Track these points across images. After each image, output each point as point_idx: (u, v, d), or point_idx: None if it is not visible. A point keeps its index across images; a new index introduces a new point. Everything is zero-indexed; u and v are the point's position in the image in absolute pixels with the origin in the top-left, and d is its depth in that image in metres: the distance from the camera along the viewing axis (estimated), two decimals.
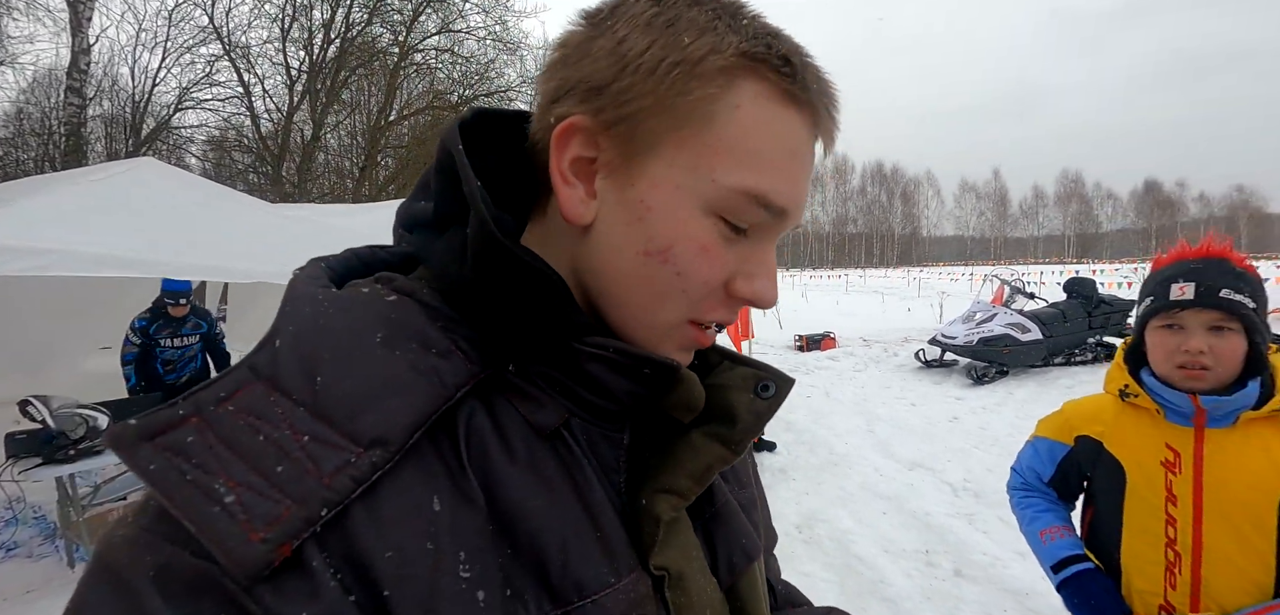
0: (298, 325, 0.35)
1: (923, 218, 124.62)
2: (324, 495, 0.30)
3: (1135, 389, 1.19)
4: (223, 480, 0.29)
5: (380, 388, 0.33)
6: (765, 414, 0.45)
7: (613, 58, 0.38)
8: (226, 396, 0.32)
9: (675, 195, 0.38)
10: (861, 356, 10.26)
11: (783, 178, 0.39)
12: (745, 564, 0.48)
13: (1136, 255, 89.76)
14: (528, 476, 0.37)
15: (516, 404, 0.39)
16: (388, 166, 16.24)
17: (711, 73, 0.37)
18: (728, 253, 0.40)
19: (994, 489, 4.28)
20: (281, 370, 0.33)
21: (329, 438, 0.31)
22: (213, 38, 13.52)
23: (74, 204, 3.12)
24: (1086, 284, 9.04)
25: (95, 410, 3.39)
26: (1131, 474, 1.19)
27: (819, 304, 20.93)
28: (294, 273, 0.39)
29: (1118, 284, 15.61)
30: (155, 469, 0.29)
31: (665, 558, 0.40)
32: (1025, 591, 3.00)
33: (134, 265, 2.94)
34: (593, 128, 0.39)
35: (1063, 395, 6.94)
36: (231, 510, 0.28)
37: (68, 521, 3.46)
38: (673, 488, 0.41)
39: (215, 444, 0.30)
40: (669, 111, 0.37)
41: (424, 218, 0.43)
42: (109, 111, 14.65)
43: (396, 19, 14.42)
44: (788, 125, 0.39)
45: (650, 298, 0.40)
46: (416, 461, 0.34)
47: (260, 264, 3.60)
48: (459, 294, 0.40)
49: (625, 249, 0.39)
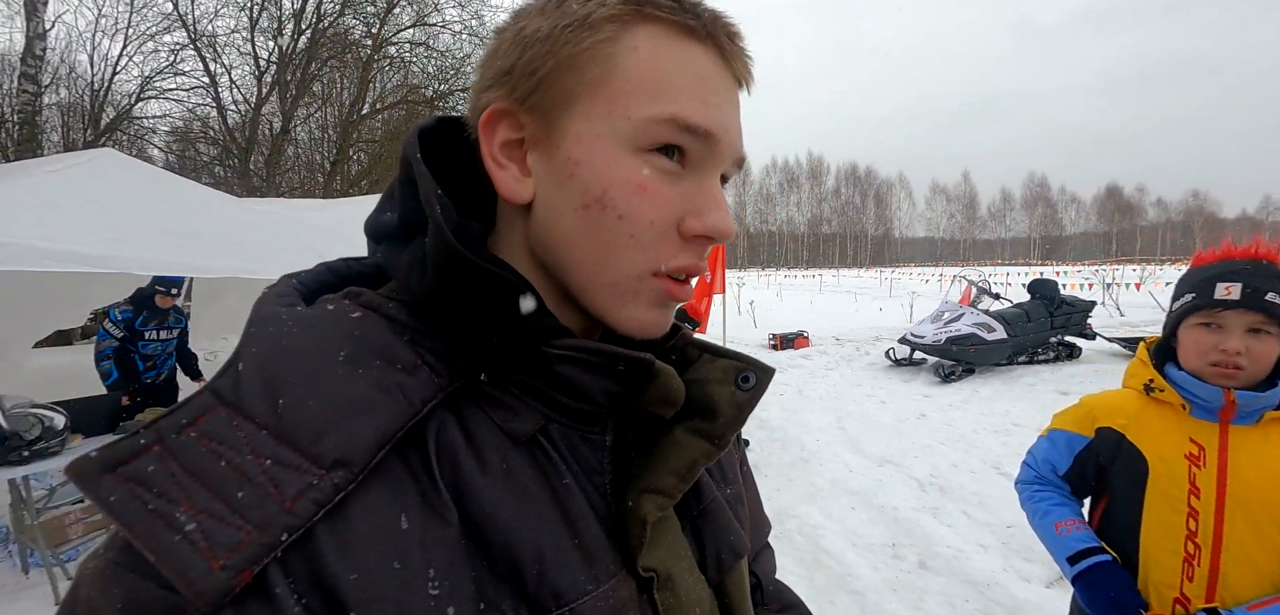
0: (261, 347, 0.35)
1: (895, 219, 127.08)
2: (285, 520, 0.29)
3: (1161, 383, 1.21)
4: (184, 508, 0.29)
5: (343, 408, 0.33)
6: (747, 406, 0.45)
7: (515, 42, 0.40)
8: (189, 423, 0.32)
9: (598, 144, 0.38)
10: (834, 355, 10.42)
11: (696, 99, 0.39)
12: (733, 561, 0.48)
13: (1098, 258, 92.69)
14: (501, 487, 0.37)
15: (490, 413, 0.39)
16: (360, 161, 15.94)
17: (601, 22, 0.38)
18: (669, 190, 0.39)
19: (959, 484, 4.40)
20: (244, 394, 0.33)
21: (291, 461, 0.31)
22: (177, 25, 13.10)
23: (29, 196, 3.01)
24: (1049, 285, 9.33)
25: (51, 410, 3.27)
26: (1154, 466, 1.20)
27: (793, 303, 21.19)
28: (263, 290, 0.40)
29: (1080, 285, 16.14)
30: (116, 501, 0.29)
31: (652, 559, 0.41)
32: (986, 582, 3.10)
33: (95, 260, 2.85)
34: (511, 108, 0.40)
35: (1026, 392, 7.20)
36: (192, 538, 0.28)
37: (21, 526, 3.33)
38: (658, 487, 0.41)
39: (177, 472, 0.30)
40: (571, 68, 0.38)
41: (390, 229, 0.43)
42: (66, 100, 14.11)
43: (370, 11, 14.14)
44: (690, 54, 0.39)
45: (600, 251, 0.39)
46: (384, 480, 0.33)
47: (226, 259, 3.52)
48: (425, 305, 0.40)
49: (565, 210, 0.40)
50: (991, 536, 3.62)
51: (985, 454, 5.06)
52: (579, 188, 0.39)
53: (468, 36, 14.54)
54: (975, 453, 5.11)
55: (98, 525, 3.90)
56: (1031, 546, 3.44)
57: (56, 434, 3.24)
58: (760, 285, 33.90)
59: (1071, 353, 9.15)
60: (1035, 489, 1.40)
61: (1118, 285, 18.11)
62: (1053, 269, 32.90)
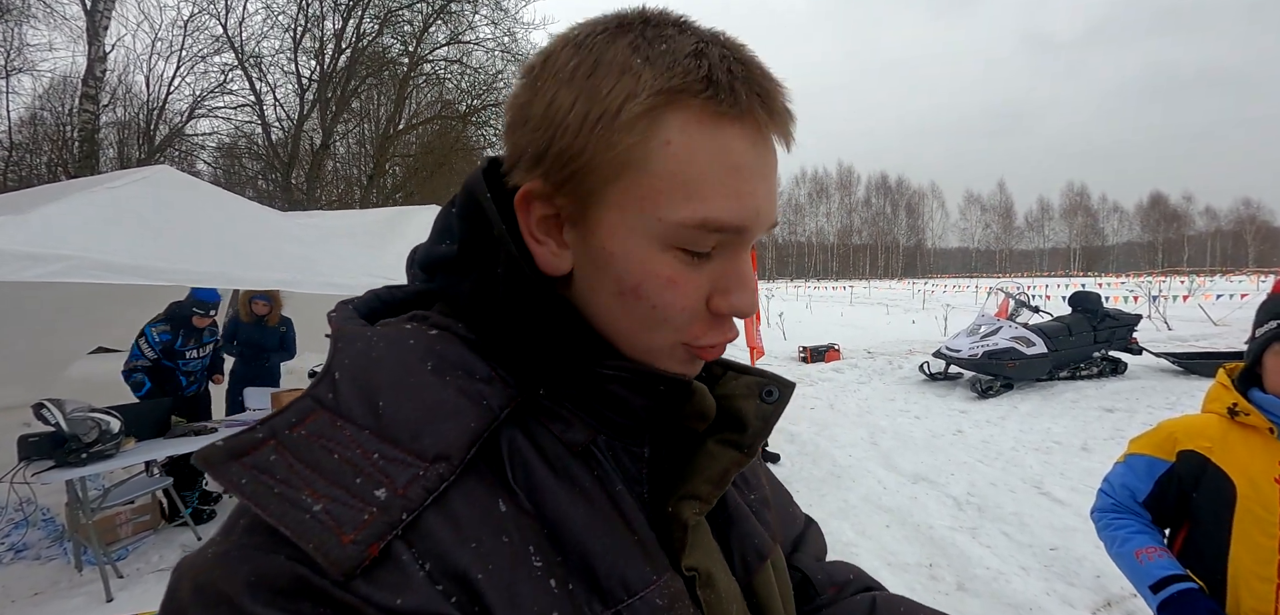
0: (352, 359, 0.38)
1: (927, 229, 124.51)
2: (401, 502, 0.33)
3: (1246, 407, 1.19)
4: (308, 493, 0.32)
5: (435, 411, 0.37)
6: (771, 417, 0.48)
7: (545, 122, 0.39)
8: (297, 422, 0.35)
9: (630, 239, 0.39)
10: (865, 368, 10.24)
11: (728, 196, 0.38)
12: (758, 562, 0.52)
13: (1142, 269, 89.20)
14: (568, 489, 0.40)
15: (549, 425, 0.42)
16: (396, 175, 16.38)
17: (632, 120, 0.37)
18: (697, 276, 0.41)
19: (997, 503, 4.28)
20: (343, 400, 0.36)
21: (396, 456, 0.34)
22: (226, 47, 13.75)
23: (92, 212, 3.19)
24: (1091, 298, 9.01)
25: (108, 414, 3.44)
26: (1243, 489, 1.18)
27: (823, 315, 20.91)
28: (329, 315, 0.44)
29: (1124, 298, 15.55)
30: (247, 484, 0.32)
31: (694, 559, 0.44)
32: (1028, 606, 3.00)
33: (152, 272, 2.99)
34: (544, 191, 0.41)
35: (1067, 409, 6.96)
36: (320, 518, 0.31)
37: (77, 524, 3.50)
38: (695, 493, 0.45)
39: (294, 463, 0.33)
40: (602, 166, 0.38)
41: (448, 258, 0.46)
42: (123, 118, 14.86)
43: (407, 30, 14.60)
44: (723, 143, 0.38)
45: (636, 329, 0.42)
46: (474, 474, 0.37)
47: (273, 272, 3.66)
48: (489, 328, 0.43)
49: (601, 291, 0.42)
50: (1033, 559, 3.50)
51: (1025, 473, 4.91)
52: (614, 276, 0.40)
53: (500, 53, 14.86)
54: (1015, 471, 4.96)
55: (144, 526, 4.07)
56: (1075, 571, 3.32)
57: (112, 437, 3.40)
58: (789, 296, 33.56)
59: (1116, 368, 8.81)
60: (1113, 517, 1.37)
61: (1164, 298, 17.37)
62: (1094, 280, 31.82)
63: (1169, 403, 7.15)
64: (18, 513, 3.88)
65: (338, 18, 14.18)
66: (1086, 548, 3.49)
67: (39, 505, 4.08)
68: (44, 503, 4.13)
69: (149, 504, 4.12)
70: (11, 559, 3.70)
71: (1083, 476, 4.73)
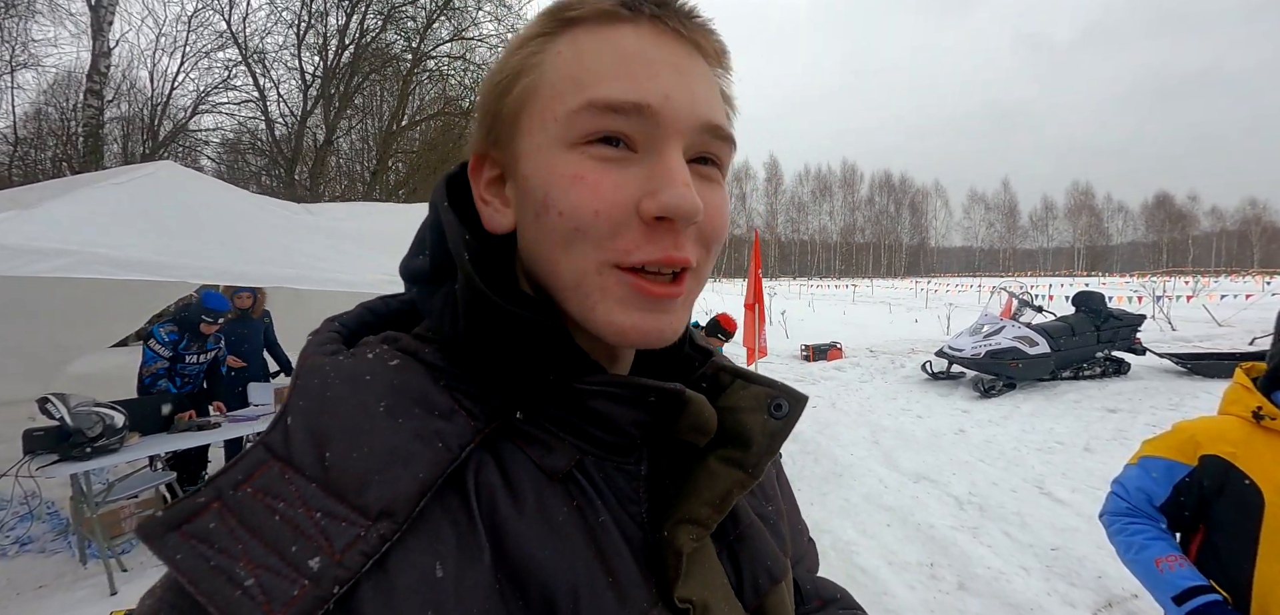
0: (306, 400, 0.36)
1: (931, 228, 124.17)
2: (336, 572, 0.31)
3: (1271, 410, 1.16)
4: (243, 564, 0.30)
5: (385, 459, 0.34)
6: (780, 434, 0.44)
7: (481, 94, 0.45)
8: (244, 479, 0.33)
9: (539, 154, 0.39)
10: (868, 367, 10.23)
11: (618, 77, 0.37)
12: (769, 585, 0.48)
13: (1147, 269, 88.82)
14: (536, 526, 0.37)
15: (526, 450, 0.40)
16: (399, 171, 16.39)
17: (526, 42, 0.41)
18: (614, 176, 0.37)
19: (999, 503, 4.27)
20: (294, 448, 0.34)
21: (339, 513, 0.32)
22: (230, 43, 13.76)
23: (97, 207, 3.20)
24: (1095, 298, 8.99)
25: (112, 409, 3.46)
26: (1270, 497, 1.14)
27: (826, 313, 20.89)
28: (308, 338, 0.41)
29: (1128, 298, 15.50)
30: (181, 559, 0.31)
31: (688, 590, 0.40)
32: (1029, 607, 3.00)
33: (156, 268, 3.00)
34: (485, 150, 0.43)
35: (1070, 409, 6.95)
36: (251, 593, 0.30)
37: (81, 518, 3.52)
38: (693, 517, 0.41)
39: (236, 527, 0.32)
40: (510, 94, 0.41)
41: (422, 272, 0.44)
42: (127, 113, 14.91)
43: (410, 26, 14.59)
44: (613, 38, 0.38)
45: (553, 251, 0.39)
46: (423, 527, 0.34)
47: (278, 268, 3.66)
48: (459, 348, 0.41)
49: (527, 225, 0.40)
50: (1034, 559, 3.50)
51: (1027, 472, 4.90)
52: (531, 201, 0.39)
53: (503, 49, 14.85)
54: (1017, 471, 4.96)
55: (149, 518, 4.09)
56: (1077, 571, 3.32)
57: (116, 431, 3.42)
58: (792, 295, 33.51)
59: (1119, 368, 8.80)
60: (1127, 521, 1.33)
61: (1168, 298, 17.31)
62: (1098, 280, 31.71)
63: (1172, 403, 7.13)
64: (22, 506, 3.91)
65: (341, 13, 14.19)
66: (1088, 548, 3.49)
67: (43, 499, 4.11)
68: (48, 497, 4.15)
69: (153, 498, 4.14)
70: (16, 552, 3.72)
71: (1085, 477, 4.73)
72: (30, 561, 3.65)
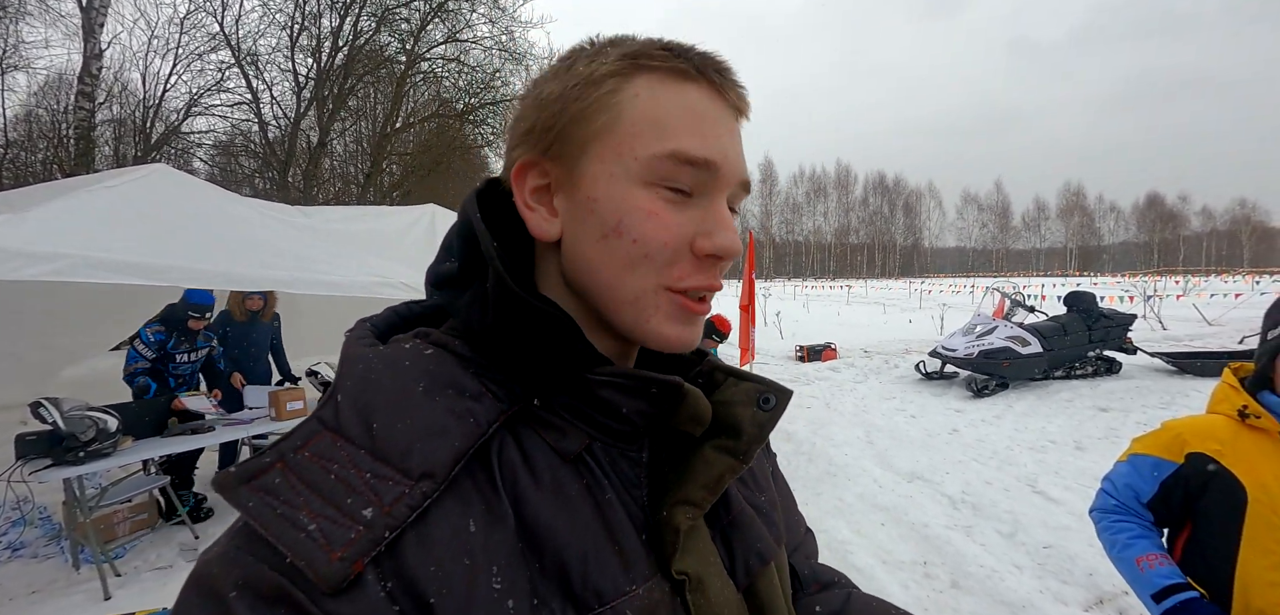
0: (353, 382, 0.42)
1: (925, 229, 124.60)
2: (385, 521, 0.36)
3: (1257, 409, 1.19)
4: (305, 513, 0.35)
5: (424, 430, 0.39)
6: (767, 424, 0.49)
7: (535, 104, 0.47)
8: (302, 444, 0.39)
9: (611, 182, 0.44)
10: (862, 367, 10.27)
11: (694, 134, 0.44)
12: (760, 566, 0.52)
13: (1138, 268, 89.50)
14: (552, 499, 0.42)
15: (542, 434, 0.44)
16: (393, 173, 16.35)
17: (603, 78, 0.45)
18: (678, 216, 0.44)
19: (992, 502, 4.31)
20: (343, 421, 0.39)
21: (386, 474, 0.37)
22: (223, 45, 13.69)
23: (89, 211, 3.19)
24: (1086, 298, 9.07)
25: (105, 413, 3.44)
26: (1254, 494, 1.17)
27: (821, 314, 20.96)
28: (345, 334, 0.47)
29: (1119, 297, 15.61)
30: (253, 506, 0.36)
31: (685, 563, 0.45)
32: (1021, 604, 3.02)
33: (152, 271, 2.99)
34: (536, 159, 0.47)
35: (1062, 408, 7.00)
36: (314, 536, 0.34)
37: (74, 522, 3.50)
38: (689, 499, 0.46)
39: (297, 484, 0.37)
40: (582, 120, 0.44)
41: (451, 276, 0.49)
42: (119, 116, 14.81)
43: (404, 28, 14.56)
44: (686, 95, 0.45)
45: (619, 271, 0.45)
46: (456, 490, 0.39)
47: (273, 271, 3.66)
48: (485, 342, 0.46)
49: (587, 239, 0.45)
50: (1027, 557, 3.53)
51: (1020, 471, 4.94)
52: (598, 220, 0.44)
53: (498, 52, 14.84)
54: (1009, 470, 4.99)
55: (142, 524, 4.07)
56: (1069, 569, 3.35)
57: (110, 436, 3.40)
58: (787, 296, 33.60)
59: (1111, 368, 8.87)
60: (1114, 518, 1.36)
61: (1159, 297, 17.45)
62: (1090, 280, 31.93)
63: (1164, 402, 7.19)
64: (15, 511, 3.89)
65: (335, 15, 14.15)
66: (1080, 546, 3.52)
67: (36, 504, 4.08)
68: (41, 502, 4.12)
69: (146, 502, 4.12)
70: (9, 557, 3.70)
71: (1077, 475, 4.77)
72: (22, 567, 3.63)
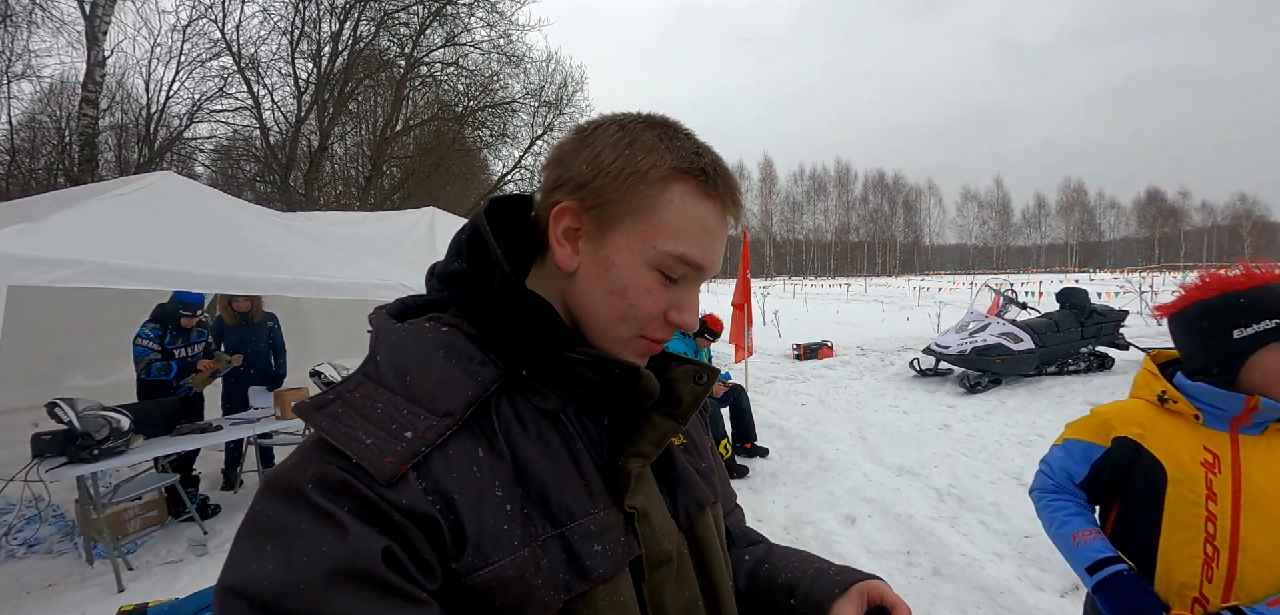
0: (387, 347, 0.56)
1: (925, 226, 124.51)
2: (421, 440, 0.49)
3: (1174, 394, 1.28)
4: (362, 431, 0.49)
5: (446, 382, 0.53)
6: (701, 395, 0.66)
7: (592, 164, 0.59)
8: (355, 389, 0.53)
9: (630, 256, 0.58)
10: (857, 365, 10.38)
11: (700, 246, 0.59)
12: (697, 511, 0.68)
13: (1139, 264, 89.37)
14: (537, 444, 0.56)
15: (529, 397, 0.59)
16: (393, 176, 16.47)
17: (654, 179, 0.57)
18: (665, 293, 0.60)
19: (978, 494, 4.42)
20: (383, 373, 0.54)
21: (418, 411, 0.51)
22: (225, 51, 13.79)
23: (101, 218, 3.31)
24: (1079, 294, 9.15)
25: (118, 413, 3.56)
26: (1172, 472, 1.26)
27: (819, 313, 21.04)
28: (370, 316, 0.62)
29: (1115, 294, 15.70)
30: (326, 424, 0.49)
31: (635, 500, 0.60)
32: (999, 590, 3.14)
33: (161, 277, 3.12)
34: (577, 209, 0.59)
35: (1053, 403, 7.11)
36: (370, 447, 0.48)
37: (87, 519, 3.62)
38: (640, 451, 0.61)
39: (353, 414, 0.50)
40: (626, 203, 0.57)
41: (458, 272, 0.63)
42: (122, 122, 14.93)
43: (403, 32, 14.68)
44: (705, 211, 0.59)
45: (612, 321, 0.60)
46: (468, 429, 0.53)
47: (278, 275, 3.78)
48: (487, 326, 0.59)
49: (596, 289, 0.59)
50: (1007, 545, 3.65)
51: (1007, 465, 5.05)
52: (609, 279, 0.59)
53: (496, 55, 14.95)
54: (997, 463, 5.11)
55: (152, 520, 4.19)
56: (1047, 556, 3.46)
57: (122, 435, 3.53)
58: (786, 294, 33.66)
59: (1103, 363, 8.97)
60: (1051, 497, 1.46)
61: (1153, 293, 17.53)
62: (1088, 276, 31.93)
63: None
64: (30, 508, 4.01)
65: (334, 21, 14.28)
66: None
67: (50, 502, 4.21)
68: (55, 500, 4.24)
69: (156, 500, 4.25)
70: (25, 553, 3.82)
71: None
72: (38, 562, 3.75)
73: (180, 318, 4.48)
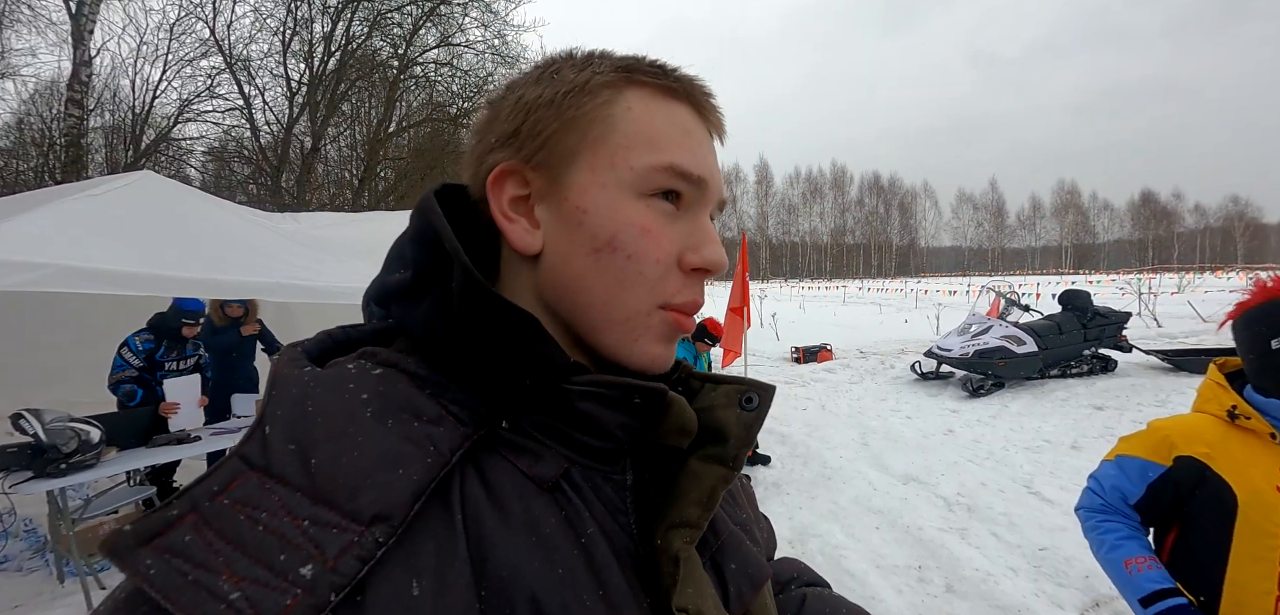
0: (285, 408, 0.34)
1: (920, 229, 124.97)
2: (331, 579, 0.29)
3: (1247, 410, 1.15)
4: (226, 578, 0.28)
5: (376, 462, 0.33)
6: (754, 425, 0.46)
7: (516, 108, 0.44)
8: (220, 490, 0.31)
9: (604, 193, 0.42)
10: (857, 368, 10.26)
11: (686, 150, 0.44)
12: (752, 592, 0.48)
13: (1133, 266, 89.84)
14: (524, 538, 0.36)
15: (513, 460, 0.39)
16: (387, 177, 16.29)
17: (598, 87, 0.43)
18: (670, 229, 0.43)
19: (987, 504, 4.28)
20: (273, 457, 0.32)
21: (329, 520, 0.31)
22: (214, 51, 13.60)
23: (72, 219, 3.14)
24: (1081, 296, 9.07)
25: (87, 424, 3.39)
26: (1244, 498, 1.13)
27: (816, 315, 20.96)
28: (273, 359, 0.40)
29: (1114, 294, 15.65)
30: (155, 574, 0.28)
31: (685, 597, 0.39)
32: (1016, 608, 3.00)
33: (133, 281, 2.95)
34: (517, 166, 0.44)
35: (1058, 407, 6.99)
36: (237, 606, 0.27)
37: (58, 535, 3.44)
38: (684, 520, 0.42)
39: (214, 540, 0.29)
40: (574, 127, 0.42)
41: (401, 288, 0.43)
42: (109, 123, 14.71)
43: (396, 32, 14.52)
44: (675, 112, 0.44)
45: (611, 289, 0.42)
46: (412, 537, 0.33)
47: (261, 278, 3.61)
48: (445, 356, 0.40)
49: (575, 254, 0.42)
50: (1022, 559, 3.50)
51: (1015, 472, 4.92)
52: (589, 232, 0.42)
53: (490, 55, 14.82)
54: (1005, 471, 4.97)
55: (115, 532, 4.01)
56: (1064, 571, 3.32)
57: (92, 447, 3.35)
58: (783, 297, 33.61)
59: (1106, 366, 8.87)
60: (1102, 518, 1.33)
61: (1153, 295, 17.51)
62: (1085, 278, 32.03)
63: (1159, 400, 7.19)
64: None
65: (327, 20, 14.09)
66: (1075, 548, 3.49)
67: (20, 517, 4.02)
68: (26, 514, 4.06)
69: (132, 514, 4.06)
70: None
71: (1072, 475, 4.75)
72: (5, 580, 3.57)
73: (181, 327, 4.20)
